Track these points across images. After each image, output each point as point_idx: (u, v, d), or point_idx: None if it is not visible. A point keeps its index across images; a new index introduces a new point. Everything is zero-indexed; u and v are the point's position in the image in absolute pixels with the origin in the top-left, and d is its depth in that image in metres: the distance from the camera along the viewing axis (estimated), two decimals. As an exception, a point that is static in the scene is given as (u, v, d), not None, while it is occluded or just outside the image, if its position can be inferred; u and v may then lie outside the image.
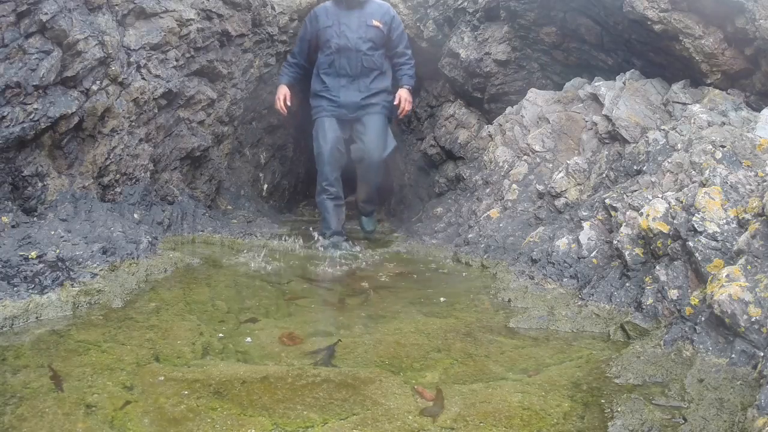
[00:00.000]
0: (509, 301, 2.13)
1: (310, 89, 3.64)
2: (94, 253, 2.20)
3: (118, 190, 2.86)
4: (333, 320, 1.92)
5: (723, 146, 2.08)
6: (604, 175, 2.65)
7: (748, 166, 1.97)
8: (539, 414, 1.28)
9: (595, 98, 3.05)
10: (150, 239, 2.55)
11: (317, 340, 1.70)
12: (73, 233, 2.30)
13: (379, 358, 1.58)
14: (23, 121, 2.27)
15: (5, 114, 2.20)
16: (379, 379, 1.43)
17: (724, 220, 1.73)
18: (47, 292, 1.85)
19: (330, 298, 2.18)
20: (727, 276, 1.51)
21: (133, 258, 2.35)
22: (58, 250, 2.11)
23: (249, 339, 1.69)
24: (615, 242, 2.10)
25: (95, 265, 2.15)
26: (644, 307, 1.81)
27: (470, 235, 3.09)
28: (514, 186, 3.14)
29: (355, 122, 3.57)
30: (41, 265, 1.98)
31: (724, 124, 2.32)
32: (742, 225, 1.68)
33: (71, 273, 2.02)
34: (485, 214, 3.16)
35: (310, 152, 3.81)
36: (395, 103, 3.54)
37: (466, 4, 3.91)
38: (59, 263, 2.04)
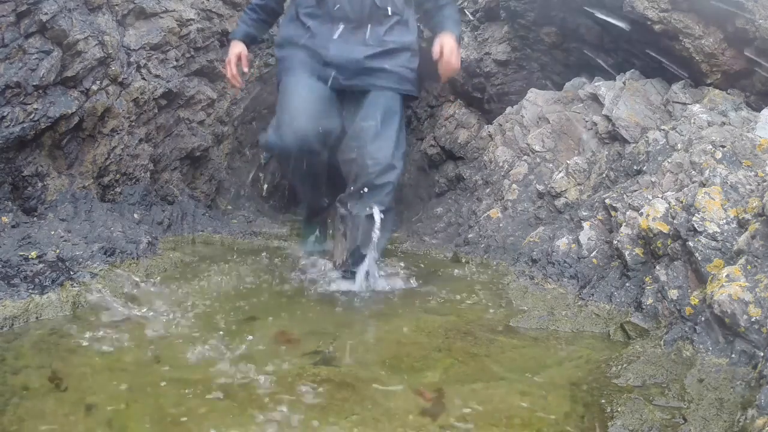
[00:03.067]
0: (509, 301, 2.13)
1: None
2: (94, 253, 2.20)
3: (118, 190, 2.86)
4: (333, 319, 1.92)
5: (723, 146, 2.08)
6: (604, 175, 2.65)
7: (748, 166, 1.97)
8: (539, 414, 1.28)
9: (595, 98, 3.05)
10: (150, 239, 2.55)
11: (317, 340, 1.70)
12: (73, 233, 2.30)
13: (379, 358, 1.58)
14: (23, 121, 2.27)
15: (5, 114, 2.20)
16: (379, 379, 1.43)
17: (724, 220, 1.73)
18: (47, 292, 1.85)
19: (330, 298, 2.18)
20: (727, 276, 1.51)
21: (133, 258, 2.35)
22: (58, 250, 2.11)
23: (249, 338, 1.69)
24: (615, 242, 2.10)
25: (95, 265, 2.15)
26: (644, 307, 1.81)
27: (470, 235, 3.09)
28: (514, 186, 3.14)
29: (348, 98, 2.32)
30: (41, 265, 1.97)
31: (724, 124, 2.32)
32: (742, 225, 1.68)
33: (71, 273, 2.01)
34: (485, 214, 3.16)
35: None
36: (435, 50, 2.19)
37: (466, 4, 3.91)
38: (59, 263, 2.04)
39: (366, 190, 2.23)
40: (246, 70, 2.48)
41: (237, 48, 2.46)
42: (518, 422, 1.25)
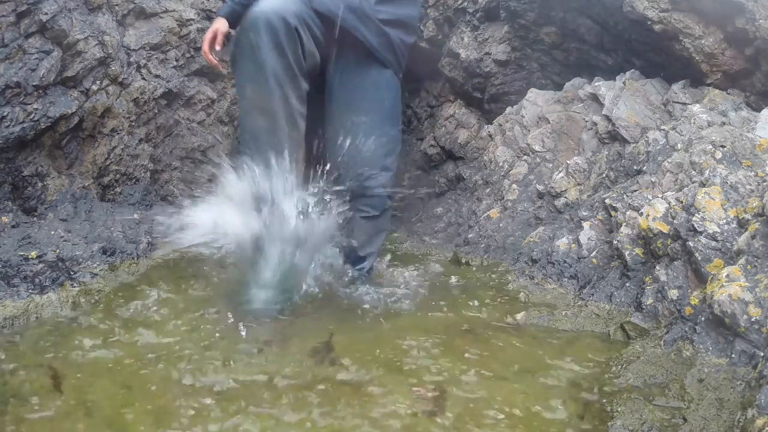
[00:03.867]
0: (509, 300, 2.13)
1: None
2: (94, 253, 2.20)
3: (118, 190, 2.86)
4: (332, 319, 1.91)
5: (723, 146, 2.08)
6: (604, 175, 2.65)
7: (748, 166, 1.97)
8: (539, 413, 1.28)
9: (595, 98, 3.05)
10: (150, 239, 2.55)
11: (316, 339, 1.70)
12: (73, 233, 2.30)
13: (379, 357, 1.58)
14: (23, 121, 2.27)
15: (5, 114, 2.20)
16: (378, 378, 1.43)
17: (724, 220, 1.73)
18: (47, 292, 1.85)
19: (328, 297, 2.18)
20: (727, 276, 1.51)
21: (132, 258, 2.35)
22: (58, 250, 2.11)
23: (248, 337, 1.69)
24: (615, 242, 2.10)
25: (95, 265, 2.15)
26: (644, 307, 1.81)
27: (470, 235, 3.09)
28: (514, 186, 3.14)
29: (332, 58, 2.04)
30: (41, 265, 1.98)
31: (724, 124, 2.32)
32: (742, 225, 1.68)
33: (71, 273, 2.02)
34: (485, 214, 3.16)
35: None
36: None
37: (466, 4, 3.91)
38: (59, 263, 2.04)
39: (358, 193, 2.11)
40: (218, 48, 2.17)
41: (216, 24, 2.18)
42: (518, 421, 1.25)
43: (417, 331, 1.79)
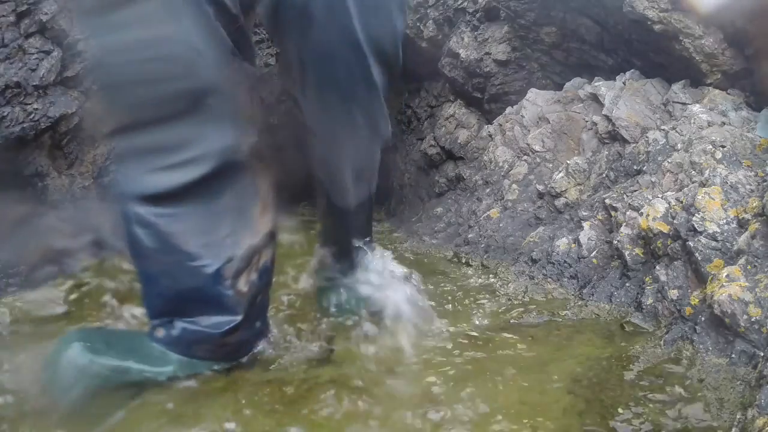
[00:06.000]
0: (509, 300, 2.13)
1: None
2: (84, 246, 2.22)
3: (118, 190, 2.87)
4: (330, 319, 1.91)
5: (723, 146, 2.08)
6: (604, 175, 2.65)
7: (748, 166, 1.97)
8: (539, 411, 1.28)
9: (595, 98, 3.05)
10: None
11: (316, 341, 1.70)
12: (71, 231, 2.30)
13: (377, 358, 1.58)
14: (23, 121, 2.27)
15: (5, 114, 2.21)
16: (377, 379, 1.43)
17: (724, 220, 1.73)
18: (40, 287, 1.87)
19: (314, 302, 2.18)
20: (727, 276, 1.51)
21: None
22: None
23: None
24: (615, 242, 2.10)
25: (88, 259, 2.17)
26: (644, 307, 1.81)
27: (470, 235, 3.09)
28: (514, 186, 3.14)
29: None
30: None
31: (724, 124, 2.32)
32: (742, 225, 1.68)
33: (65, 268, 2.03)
34: (485, 214, 3.16)
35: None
36: None
37: (466, 4, 3.91)
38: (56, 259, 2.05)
39: (344, 215, 1.87)
40: None
41: None
42: (517, 418, 1.25)
43: (416, 332, 1.79)
